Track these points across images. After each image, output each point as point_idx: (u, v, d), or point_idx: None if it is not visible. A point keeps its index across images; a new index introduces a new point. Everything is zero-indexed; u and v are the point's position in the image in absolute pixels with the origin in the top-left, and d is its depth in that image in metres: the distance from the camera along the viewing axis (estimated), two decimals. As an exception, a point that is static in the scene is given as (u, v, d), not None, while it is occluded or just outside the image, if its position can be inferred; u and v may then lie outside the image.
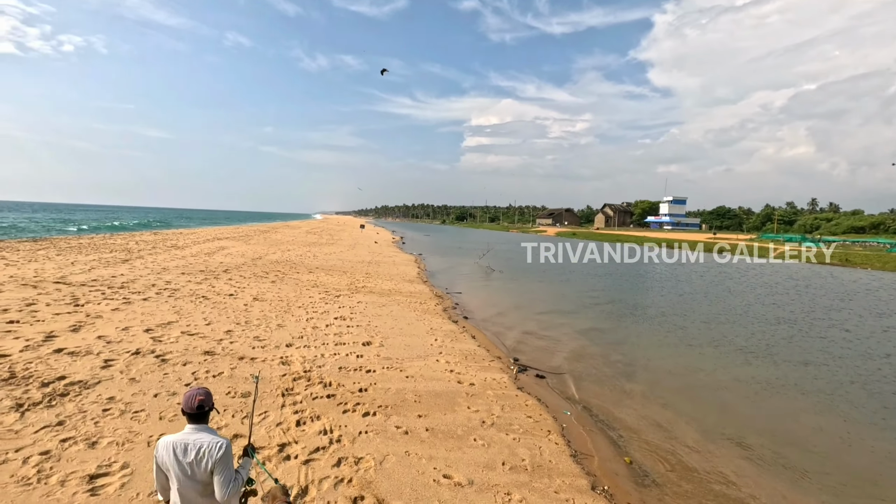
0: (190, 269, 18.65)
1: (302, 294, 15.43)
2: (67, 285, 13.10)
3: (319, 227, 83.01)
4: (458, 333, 12.51)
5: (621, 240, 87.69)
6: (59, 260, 17.97)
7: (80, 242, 25.94)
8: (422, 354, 10.10)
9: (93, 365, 7.40)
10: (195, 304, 12.36)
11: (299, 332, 10.77)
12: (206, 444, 2.77)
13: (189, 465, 2.75)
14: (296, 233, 55.69)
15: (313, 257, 27.74)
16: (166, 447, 2.76)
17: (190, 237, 36.93)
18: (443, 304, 16.87)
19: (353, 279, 20.00)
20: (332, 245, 39.11)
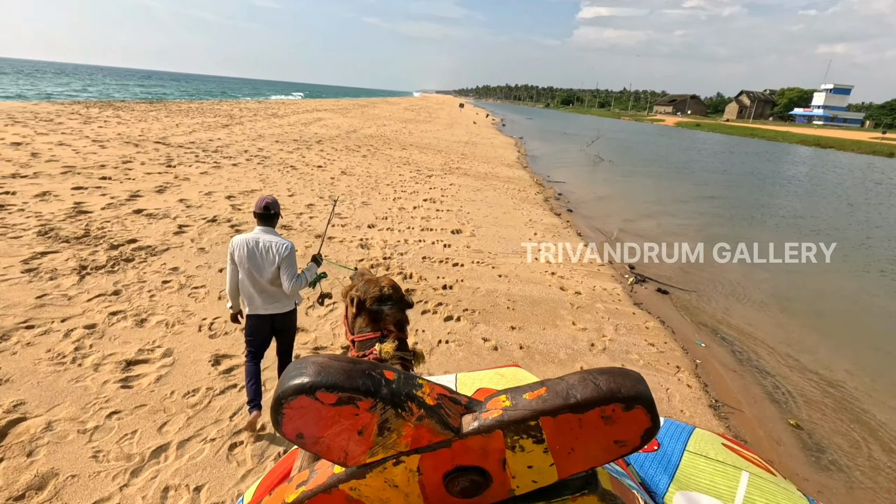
0: (284, 137, 18.23)
1: (392, 171, 14.31)
2: (166, 146, 13.08)
3: (418, 104, 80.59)
4: (562, 228, 10.79)
5: (756, 134, 75.53)
6: (166, 121, 18.38)
7: (190, 107, 26.78)
8: (518, 250, 8.65)
9: (166, 230, 6.91)
10: (282, 174, 11.73)
11: (384, 212, 9.73)
12: (274, 243, 3.18)
13: (260, 258, 3.15)
14: (394, 109, 54.23)
15: (408, 134, 26.37)
16: (240, 242, 3.18)
17: (290, 107, 37.06)
18: (544, 194, 14.96)
19: (447, 159, 18.48)
20: (429, 123, 37.29)
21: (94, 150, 11.29)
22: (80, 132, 13.42)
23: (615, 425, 0.62)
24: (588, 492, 0.69)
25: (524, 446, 0.64)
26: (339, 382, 0.59)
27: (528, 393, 0.65)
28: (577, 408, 0.61)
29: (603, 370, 0.66)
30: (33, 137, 11.84)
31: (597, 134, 33.41)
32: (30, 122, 14.29)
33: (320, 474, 0.71)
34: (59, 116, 16.28)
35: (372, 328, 1.74)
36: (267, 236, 3.21)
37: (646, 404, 0.62)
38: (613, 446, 0.63)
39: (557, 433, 0.62)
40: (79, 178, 8.81)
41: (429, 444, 0.64)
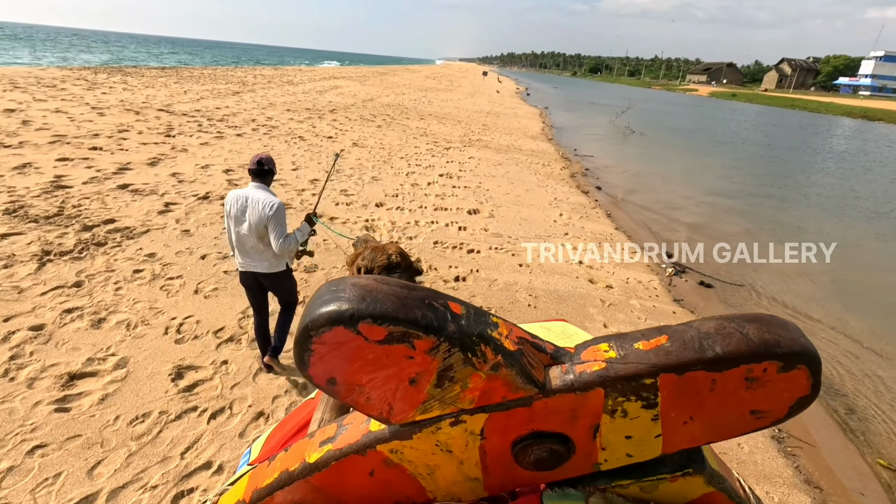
0: (296, 106, 17.37)
1: (407, 143, 13.39)
2: (169, 114, 12.38)
3: (440, 72, 78.22)
4: (590, 208, 9.81)
5: (796, 105, 71.28)
6: (175, 88, 17.66)
7: (203, 73, 26.01)
8: (542, 234, 7.76)
9: (150, 208, 6.24)
10: (288, 145, 10.95)
11: (395, 188, 8.89)
12: (261, 200, 3.09)
13: (248, 215, 3.09)
14: (414, 77, 52.51)
15: (428, 103, 25.18)
16: (233, 197, 3.15)
17: (308, 74, 35.96)
18: (570, 169, 13.87)
19: (467, 130, 17.40)
20: (450, 91, 35.82)
21: (91, 117, 10.66)
22: (80, 99, 12.81)
23: (761, 389, 0.47)
24: (693, 471, 0.55)
25: (628, 411, 0.49)
26: (391, 312, 0.45)
27: (641, 341, 0.50)
28: (716, 364, 0.46)
29: (748, 316, 0.50)
30: (29, 104, 11.25)
31: (627, 104, 31.53)
32: (31, 87, 13.74)
33: (351, 430, 0.59)
34: (63, 82, 15.70)
35: None
36: (258, 192, 3.12)
37: (811, 364, 0.47)
38: (748, 417, 0.48)
39: (678, 396, 0.48)
40: (67, 148, 8.18)
41: (502, 402, 0.50)
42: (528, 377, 0.50)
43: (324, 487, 0.61)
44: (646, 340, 0.52)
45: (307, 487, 0.62)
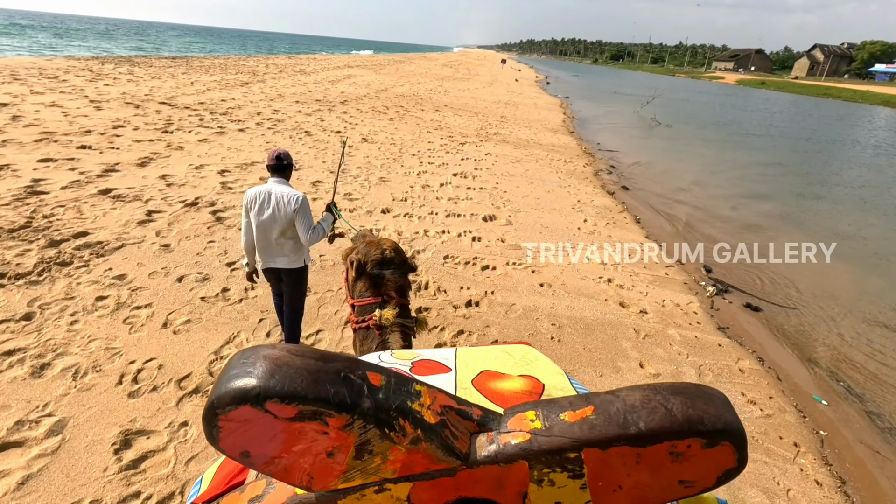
0: (306, 97, 16.69)
1: (420, 138, 12.62)
2: (171, 107, 11.82)
3: (457, 60, 76.79)
4: (617, 212, 8.97)
5: (830, 94, 68.19)
6: (182, 79, 17.13)
7: (214, 63, 25.45)
8: (566, 242, 6.99)
9: (130, 217, 5.63)
10: (293, 141, 10.29)
11: (404, 191, 8.17)
12: (285, 194, 3.08)
13: (273, 210, 3.06)
14: (431, 65, 51.41)
15: (444, 93, 24.29)
16: (253, 194, 3.09)
17: (322, 63, 35.23)
18: (594, 166, 12.98)
19: (484, 123, 16.54)
20: (468, 80, 34.77)
21: (87, 112, 10.14)
22: (80, 91, 12.34)
23: (686, 462, 0.48)
24: None
25: (555, 480, 0.50)
26: (300, 391, 0.44)
27: (568, 412, 0.51)
28: (639, 440, 0.47)
29: (674, 387, 0.51)
30: (25, 97, 10.80)
31: (651, 94, 30.12)
32: (31, 79, 13.33)
33: (278, 491, 0.59)
34: (66, 73, 15.29)
35: (372, 293, 1.65)
36: (280, 187, 3.11)
37: (735, 440, 0.48)
38: (676, 486, 0.49)
39: (604, 468, 0.49)
40: (53, 147, 7.65)
41: (426, 472, 0.49)
42: (450, 449, 0.50)
43: None
44: (572, 411, 0.51)
45: None
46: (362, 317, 1.65)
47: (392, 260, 1.76)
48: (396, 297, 1.67)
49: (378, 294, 1.68)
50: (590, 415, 0.50)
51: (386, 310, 1.62)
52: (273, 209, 3.07)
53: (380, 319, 1.59)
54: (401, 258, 1.80)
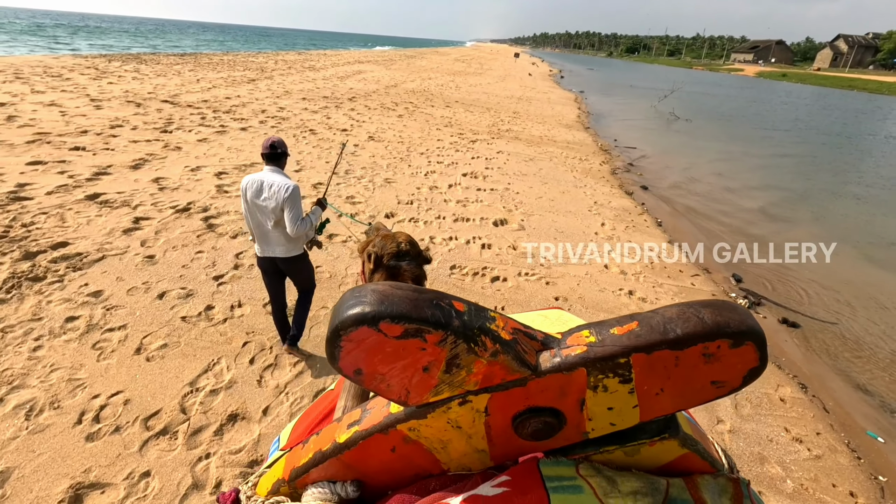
0: (313, 94, 16.31)
1: (430, 135, 12.16)
2: (173, 105, 11.51)
3: (470, 54, 75.99)
4: (636, 214, 8.43)
5: (854, 86, 66.06)
6: (188, 76, 16.86)
7: (222, 59, 25.21)
8: (581, 252, 6.50)
9: (115, 226, 5.28)
10: (296, 140, 9.91)
11: (410, 193, 7.73)
12: (276, 183, 3.05)
13: (263, 199, 3.05)
14: (443, 60, 50.80)
15: (455, 88, 23.77)
16: (249, 181, 3.08)
17: (332, 59, 34.84)
18: (611, 163, 12.40)
19: (496, 119, 16.01)
20: (480, 75, 34.15)
21: (86, 111, 9.86)
22: (83, 90, 12.09)
23: (717, 363, 0.56)
24: (669, 435, 0.65)
25: (608, 386, 0.58)
26: (405, 312, 0.54)
27: (616, 327, 0.59)
28: (677, 343, 0.55)
29: (704, 301, 0.59)
30: (24, 96, 10.56)
31: (670, 87, 29.15)
32: (34, 77, 13.14)
33: (374, 413, 0.70)
34: (72, 71, 15.10)
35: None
36: (273, 176, 3.09)
37: (757, 340, 0.56)
38: (709, 387, 0.58)
39: (649, 372, 0.57)
40: (45, 149, 7.34)
41: (502, 383, 0.60)
42: (522, 361, 0.59)
43: (353, 463, 0.72)
44: (620, 326, 0.59)
45: (339, 464, 0.73)
46: None
47: (408, 252, 1.83)
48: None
49: None
50: (635, 328, 0.57)
51: None
52: (265, 198, 3.05)
53: None
54: (416, 250, 1.86)
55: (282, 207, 3.06)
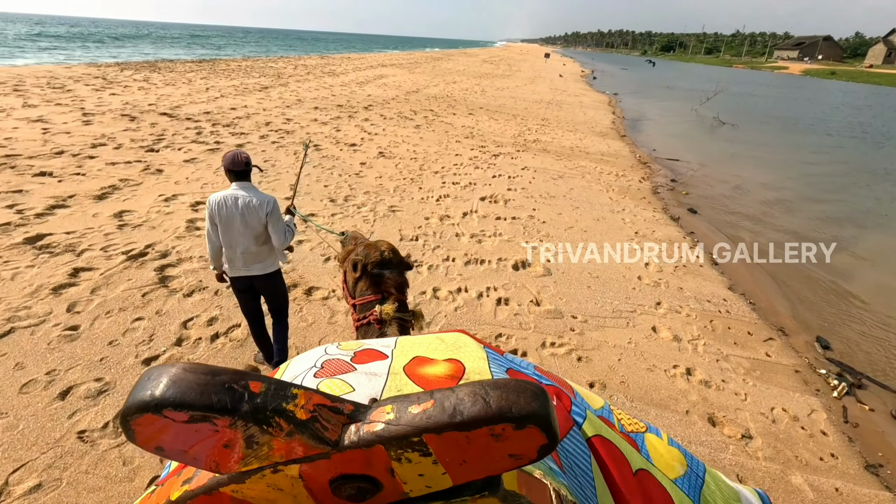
0: (326, 102, 15.39)
1: (447, 149, 11.01)
2: (171, 118, 10.72)
3: (499, 55, 74.51)
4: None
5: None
6: (198, 84, 16.21)
7: (240, 65, 24.67)
8: (623, 302, 5.23)
9: (46, 280, 4.33)
10: (297, 158, 8.91)
11: (416, 226, 6.60)
12: (254, 199, 2.93)
13: (242, 216, 2.90)
14: (470, 61, 49.59)
15: (480, 92, 22.54)
16: (218, 200, 2.89)
17: (354, 62, 34.08)
18: (652, 179, 10.99)
19: (522, 128, 14.73)
20: (508, 78, 32.80)
21: (73, 127, 9.13)
22: (80, 103, 11.46)
23: (507, 442, 0.58)
24: (489, 493, 0.68)
25: (411, 458, 0.60)
26: (188, 399, 0.54)
27: (414, 405, 0.61)
28: (464, 426, 0.57)
29: (497, 383, 0.60)
30: (11, 111, 9.92)
31: (714, 88, 27.08)
32: (34, 89, 12.63)
33: (203, 472, 0.69)
34: (77, 82, 14.61)
35: (373, 291, 1.77)
36: (248, 192, 2.94)
37: (540, 423, 0.58)
38: (508, 459, 0.60)
39: (444, 448, 0.59)
40: (6, 175, 6.54)
41: (305, 456, 0.60)
42: (321, 439, 0.59)
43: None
44: (418, 404, 0.60)
45: None
46: (363, 314, 1.72)
47: (391, 260, 1.87)
48: (395, 294, 1.76)
49: (378, 292, 1.76)
50: (429, 408, 0.58)
51: (386, 305, 1.69)
52: (242, 216, 2.92)
53: (380, 314, 1.67)
54: (398, 258, 1.91)
55: (265, 223, 2.97)
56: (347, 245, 2.23)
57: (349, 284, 1.88)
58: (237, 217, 2.90)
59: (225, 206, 2.88)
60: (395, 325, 1.70)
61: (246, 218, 2.91)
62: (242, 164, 2.93)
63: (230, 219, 2.90)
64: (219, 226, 2.93)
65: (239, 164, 2.92)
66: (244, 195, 2.91)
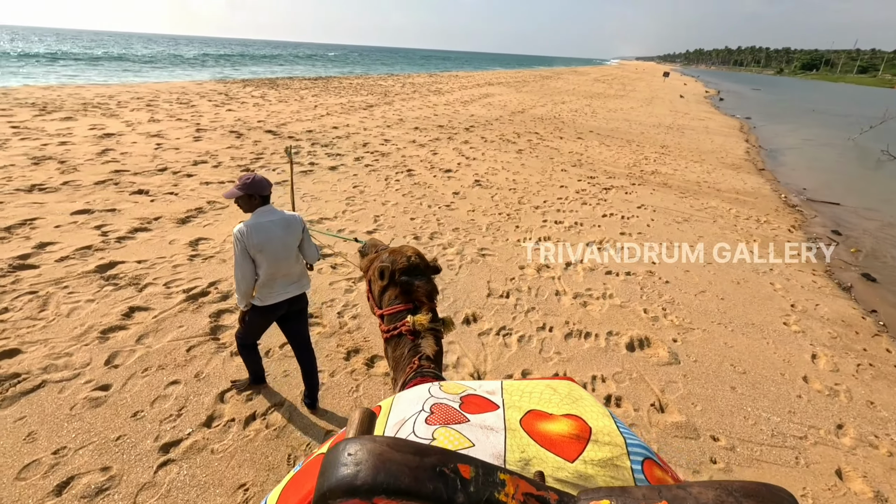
0: (428, 122, 14.98)
1: (551, 179, 9.88)
2: (274, 136, 10.83)
3: (612, 74, 71.23)
4: (870, 337, 5.27)
5: None
6: (309, 101, 16.72)
7: (351, 83, 25.54)
8: (786, 419, 3.75)
9: (96, 322, 3.97)
10: (386, 185, 8.36)
11: (508, 277, 5.59)
12: (287, 219, 2.87)
13: (282, 238, 2.81)
14: (581, 80, 47.64)
15: (591, 114, 21.00)
16: (251, 229, 2.72)
17: (462, 81, 34.01)
18: (805, 229, 8.92)
19: (638, 156, 13.10)
20: (621, 98, 30.65)
21: (183, 143, 9.46)
22: (198, 118, 12.11)
23: None
24: None
25: None
26: (405, 486, 0.50)
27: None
28: None
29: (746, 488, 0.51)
30: (137, 125, 10.59)
31: (883, 115, 22.60)
32: (164, 105, 13.68)
33: None
34: (202, 98, 15.69)
35: (402, 300, 1.69)
36: (279, 214, 2.87)
37: None
38: None
39: None
40: (108, 192, 6.65)
41: None
42: None
43: None
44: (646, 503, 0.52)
45: None
46: (393, 324, 1.66)
47: (418, 265, 1.78)
48: (427, 302, 1.69)
49: (409, 301, 1.69)
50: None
51: (419, 315, 1.63)
52: (283, 238, 2.82)
53: (413, 325, 1.61)
54: (425, 263, 1.83)
55: (299, 241, 2.95)
56: (369, 253, 2.13)
57: (375, 294, 1.81)
58: (278, 240, 2.80)
59: (262, 233, 2.74)
60: (430, 338, 1.62)
61: (286, 239, 2.84)
62: (270, 187, 2.85)
63: (271, 243, 2.77)
64: (262, 254, 2.76)
65: (267, 187, 2.82)
66: (279, 216, 2.85)
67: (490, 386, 1.11)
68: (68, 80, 21.89)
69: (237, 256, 2.74)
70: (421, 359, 1.58)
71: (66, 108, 12.27)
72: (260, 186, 2.77)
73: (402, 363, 1.63)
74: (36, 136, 9.15)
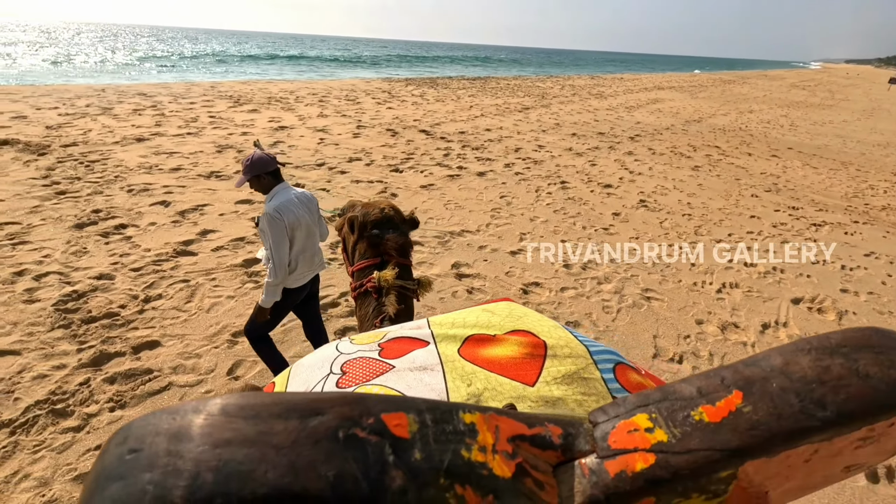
0: (587, 128, 13.70)
1: (737, 206, 8.11)
2: (427, 135, 10.68)
3: (814, 78, 60.26)
4: None
5: None
6: (464, 102, 16.50)
7: (509, 83, 24.89)
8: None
9: (224, 324, 3.89)
10: (536, 196, 7.55)
11: (682, 334, 4.43)
12: (306, 195, 2.79)
13: (309, 214, 2.72)
14: (772, 85, 40.87)
15: (789, 127, 17.52)
16: (292, 205, 2.62)
17: (627, 84, 31.24)
18: None
19: (860, 184, 10.32)
20: (829, 109, 25.35)
21: (342, 139, 9.74)
22: (360, 115, 12.56)
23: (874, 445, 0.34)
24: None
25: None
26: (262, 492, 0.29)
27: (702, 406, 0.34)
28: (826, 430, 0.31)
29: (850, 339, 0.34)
30: (308, 119, 11.28)
31: None
32: (333, 101, 14.54)
33: None
34: (367, 95, 16.43)
35: (371, 254, 1.57)
36: (293, 190, 2.73)
37: None
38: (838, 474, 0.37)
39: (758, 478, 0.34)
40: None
41: None
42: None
43: None
44: (710, 405, 0.34)
45: None
46: (360, 280, 1.51)
47: (391, 218, 1.63)
48: (396, 257, 1.53)
49: (377, 255, 1.54)
50: (740, 404, 0.33)
51: (385, 270, 1.46)
52: (309, 212, 2.73)
53: (378, 281, 1.43)
54: (400, 216, 1.68)
55: (317, 216, 2.84)
56: (348, 212, 1.82)
57: (348, 250, 1.66)
58: (306, 217, 2.70)
59: (295, 208, 2.63)
60: (392, 295, 1.41)
61: (312, 213, 2.76)
62: (274, 162, 2.66)
63: (301, 219, 2.66)
64: (297, 231, 2.64)
65: (271, 162, 2.63)
66: (296, 192, 2.72)
67: (413, 324, 0.91)
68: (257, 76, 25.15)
69: (276, 238, 2.56)
70: (383, 320, 1.37)
71: (254, 101, 13.79)
72: (263, 164, 2.60)
73: (365, 324, 1.45)
74: (225, 126, 10.26)
